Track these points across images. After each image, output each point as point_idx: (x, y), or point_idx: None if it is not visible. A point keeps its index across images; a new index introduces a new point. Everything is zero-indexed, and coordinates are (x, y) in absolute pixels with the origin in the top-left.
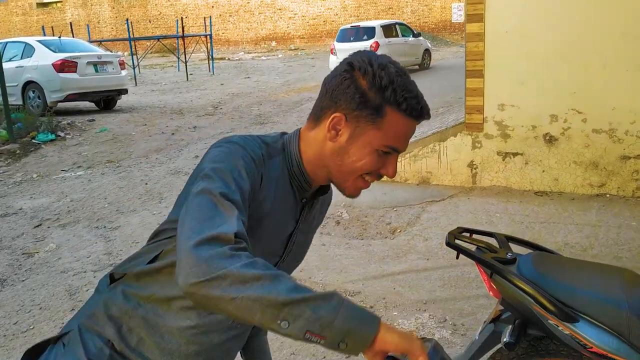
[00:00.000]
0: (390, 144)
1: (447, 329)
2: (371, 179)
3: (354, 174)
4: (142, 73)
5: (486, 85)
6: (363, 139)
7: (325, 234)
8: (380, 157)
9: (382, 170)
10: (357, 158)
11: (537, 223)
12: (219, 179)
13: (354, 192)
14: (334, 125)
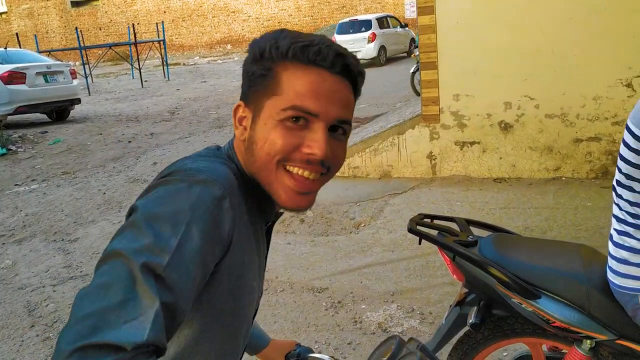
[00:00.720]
0: (292, 103)
1: (415, 319)
2: (297, 166)
3: (268, 165)
4: (95, 82)
5: (440, 77)
6: (263, 115)
7: (290, 233)
8: (293, 131)
9: (303, 148)
10: (262, 140)
11: (497, 209)
12: (153, 235)
13: (285, 196)
14: (239, 119)
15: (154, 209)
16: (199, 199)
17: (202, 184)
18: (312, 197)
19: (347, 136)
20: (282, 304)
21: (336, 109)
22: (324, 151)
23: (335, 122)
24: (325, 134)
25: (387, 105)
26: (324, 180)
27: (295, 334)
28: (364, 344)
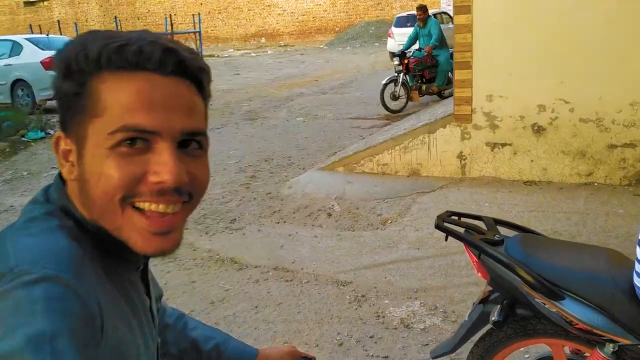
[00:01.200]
0: (121, 124)
1: (438, 317)
2: (150, 204)
3: (110, 207)
4: None
5: (474, 77)
6: (89, 145)
7: (317, 226)
8: (131, 158)
9: (149, 177)
10: (95, 177)
11: (526, 212)
12: None
13: (140, 241)
14: (63, 153)
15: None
16: (48, 303)
17: (42, 284)
18: (176, 235)
19: (204, 150)
20: (306, 294)
21: (179, 119)
22: (175, 175)
23: (182, 135)
24: (173, 153)
25: (419, 104)
26: (188, 210)
27: (318, 325)
28: (386, 338)
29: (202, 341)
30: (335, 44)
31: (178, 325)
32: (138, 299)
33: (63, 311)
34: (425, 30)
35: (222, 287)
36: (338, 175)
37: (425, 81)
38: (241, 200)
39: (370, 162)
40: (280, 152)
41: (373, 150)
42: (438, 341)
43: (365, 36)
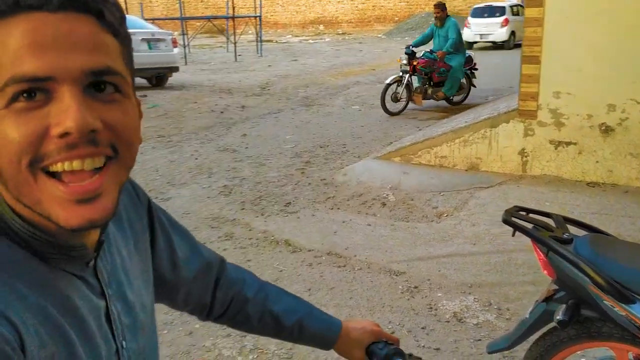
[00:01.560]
0: (10, 75)
1: (492, 313)
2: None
3: (19, 179)
4: (192, 52)
5: (542, 72)
6: None
7: (371, 215)
8: (30, 114)
9: (53, 129)
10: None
11: (589, 214)
12: None
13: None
14: None
15: None
16: None
17: None
18: (104, 200)
19: (126, 94)
20: (359, 281)
21: (79, 59)
22: (79, 119)
23: (87, 76)
24: (76, 97)
25: (479, 97)
26: (116, 168)
27: (370, 312)
28: (437, 330)
29: (284, 316)
30: (394, 34)
31: (258, 298)
32: (86, 306)
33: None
34: (443, 30)
35: (276, 268)
36: (394, 165)
37: (433, 84)
38: (296, 185)
39: (427, 153)
40: (335, 140)
41: (431, 142)
42: (491, 337)
43: (425, 27)
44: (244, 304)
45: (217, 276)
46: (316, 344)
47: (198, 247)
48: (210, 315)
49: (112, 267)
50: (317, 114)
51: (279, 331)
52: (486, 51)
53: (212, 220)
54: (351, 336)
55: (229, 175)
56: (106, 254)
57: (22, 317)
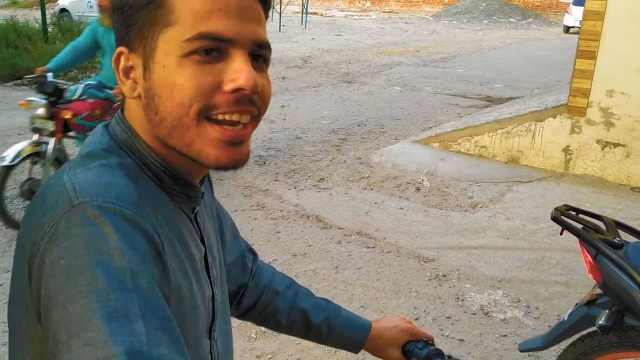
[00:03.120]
0: (197, 31)
1: (520, 310)
2: (225, 111)
3: (184, 121)
4: None
5: (597, 68)
6: (159, 56)
7: (404, 199)
8: (207, 67)
9: (224, 86)
10: (168, 89)
11: (631, 219)
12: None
13: (213, 152)
14: (124, 71)
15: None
16: (119, 236)
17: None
18: (245, 147)
19: (268, 66)
20: (386, 264)
21: (252, 29)
22: (252, 80)
23: (253, 46)
24: (247, 61)
25: (524, 89)
26: (254, 125)
27: (396, 296)
28: (463, 321)
29: (313, 313)
30: (442, 16)
31: (288, 293)
32: (195, 246)
33: (135, 247)
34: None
35: (305, 242)
36: (432, 150)
37: None
38: (331, 161)
39: (467, 142)
40: (373, 119)
41: (473, 130)
42: (517, 334)
43: (474, 12)
44: (273, 297)
45: (251, 265)
46: (345, 345)
47: (238, 233)
48: (239, 308)
49: (204, 221)
50: (357, 92)
51: (307, 329)
52: (532, 42)
53: (245, 188)
54: (385, 336)
55: (264, 145)
56: (202, 207)
57: (162, 239)
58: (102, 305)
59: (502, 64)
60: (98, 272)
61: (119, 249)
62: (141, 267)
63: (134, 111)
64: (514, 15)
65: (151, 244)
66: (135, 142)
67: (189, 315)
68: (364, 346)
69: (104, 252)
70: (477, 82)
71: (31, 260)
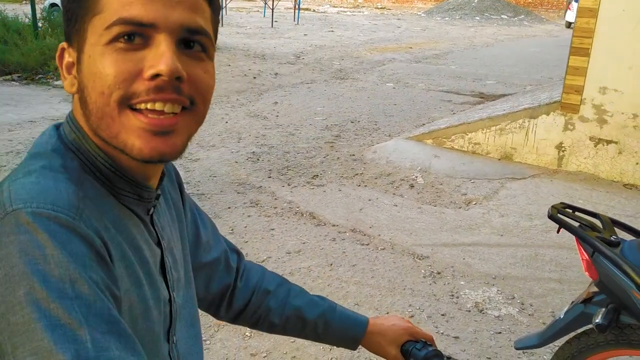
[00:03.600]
0: (117, 16)
1: (515, 307)
2: (146, 103)
3: (106, 111)
4: (229, 14)
5: (590, 65)
6: (87, 47)
7: (398, 195)
8: (127, 54)
9: (145, 71)
10: (92, 79)
11: (623, 216)
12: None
13: (142, 143)
14: (66, 67)
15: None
16: (55, 243)
17: (41, 221)
18: (175, 139)
19: (209, 55)
20: (381, 261)
21: (180, 14)
22: (171, 65)
23: (183, 32)
24: (171, 46)
25: (516, 85)
26: (190, 118)
27: (391, 294)
28: (458, 318)
29: (307, 309)
30: (434, 13)
31: (280, 292)
32: (149, 249)
33: (73, 253)
34: None
35: (300, 240)
36: (425, 147)
37: None
38: (325, 158)
39: (461, 138)
40: (367, 116)
41: (467, 127)
42: (512, 331)
43: (466, 8)
44: (265, 296)
45: (237, 265)
46: (343, 341)
47: (219, 234)
48: (230, 310)
49: (163, 223)
50: (350, 88)
51: (302, 326)
52: (524, 38)
53: (239, 185)
54: (385, 333)
55: (258, 142)
56: (159, 209)
57: (107, 242)
58: (43, 315)
59: (494, 60)
60: (36, 282)
61: (56, 257)
62: (81, 272)
63: (77, 108)
64: (505, 12)
65: (92, 248)
66: (83, 142)
67: (141, 319)
68: (361, 342)
69: (39, 261)
70: (470, 79)
71: None
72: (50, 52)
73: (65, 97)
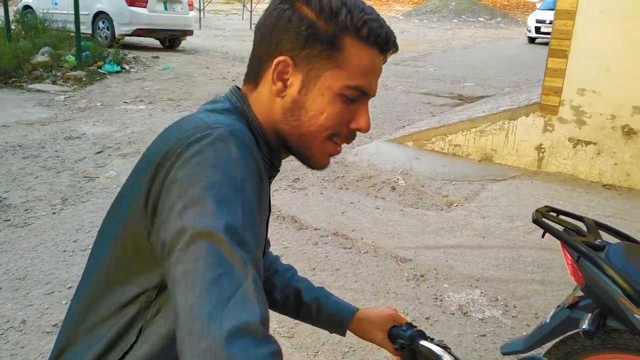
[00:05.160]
0: (355, 83)
1: (498, 309)
2: (342, 140)
3: (317, 134)
4: (207, 17)
5: (569, 67)
6: (320, 85)
7: (380, 198)
8: (347, 106)
9: (352, 124)
10: (317, 111)
11: (603, 216)
12: (223, 210)
13: (321, 160)
14: (279, 74)
15: (207, 178)
16: (239, 154)
17: (235, 138)
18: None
19: None
20: (364, 265)
21: (376, 86)
22: (369, 125)
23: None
24: (367, 108)
25: (494, 87)
26: None
27: (375, 297)
28: (442, 322)
29: (305, 292)
30: (412, 15)
31: (286, 274)
32: (266, 206)
33: (248, 166)
34: None
35: (282, 244)
36: (406, 149)
37: None
38: None
39: (442, 140)
40: None
41: (447, 129)
42: (496, 334)
43: (444, 11)
44: (273, 274)
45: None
46: (332, 325)
47: None
48: None
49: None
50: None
51: (299, 306)
52: (501, 41)
53: None
54: (372, 319)
55: None
56: (272, 183)
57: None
58: (215, 192)
59: (472, 62)
60: (218, 171)
61: (237, 162)
62: (249, 179)
63: (263, 98)
64: (482, 15)
65: (258, 170)
66: (246, 110)
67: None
68: (348, 326)
69: (226, 160)
70: (449, 81)
71: (163, 161)
72: (24, 55)
73: (39, 100)
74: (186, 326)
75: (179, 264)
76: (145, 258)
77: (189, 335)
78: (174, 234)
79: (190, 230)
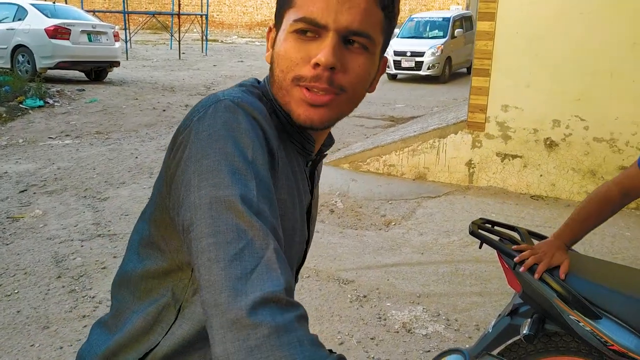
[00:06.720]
0: (303, 14)
1: (441, 324)
2: (309, 82)
3: (284, 84)
4: (134, 48)
5: (492, 85)
6: (281, 30)
7: (319, 222)
8: (304, 43)
9: (311, 59)
10: (278, 57)
11: (533, 226)
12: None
13: (297, 110)
14: (271, 41)
15: (219, 149)
16: (247, 123)
17: (241, 109)
18: (324, 111)
19: (370, 52)
20: (307, 289)
21: (346, 18)
22: (328, 58)
23: (346, 32)
24: (333, 42)
25: (423, 108)
26: (338, 100)
27: (319, 322)
28: (387, 341)
29: None
30: None
31: None
32: (303, 191)
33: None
34: None
35: None
36: (342, 171)
37: None
38: None
39: (376, 161)
40: None
41: (381, 149)
42: (440, 348)
43: None
44: None
45: None
46: None
47: None
48: None
49: (316, 181)
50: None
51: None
52: None
53: None
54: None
55: None
56: (318, 168)
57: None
58: (228, 163)
59: (400, 84)
60: (229, 142)
61: (246, 131)
62: (260, 149)
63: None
64: None
65: (267, 143)
66: (266, 84)
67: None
68: None
69: (235, 131)
70: (380, 103)
71: (180, 132)
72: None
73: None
74: (212, 299)
75: (200, 238)
76: (175, 234)
77: (215, 308)
78: (192, 208)
79: (207, 203)
